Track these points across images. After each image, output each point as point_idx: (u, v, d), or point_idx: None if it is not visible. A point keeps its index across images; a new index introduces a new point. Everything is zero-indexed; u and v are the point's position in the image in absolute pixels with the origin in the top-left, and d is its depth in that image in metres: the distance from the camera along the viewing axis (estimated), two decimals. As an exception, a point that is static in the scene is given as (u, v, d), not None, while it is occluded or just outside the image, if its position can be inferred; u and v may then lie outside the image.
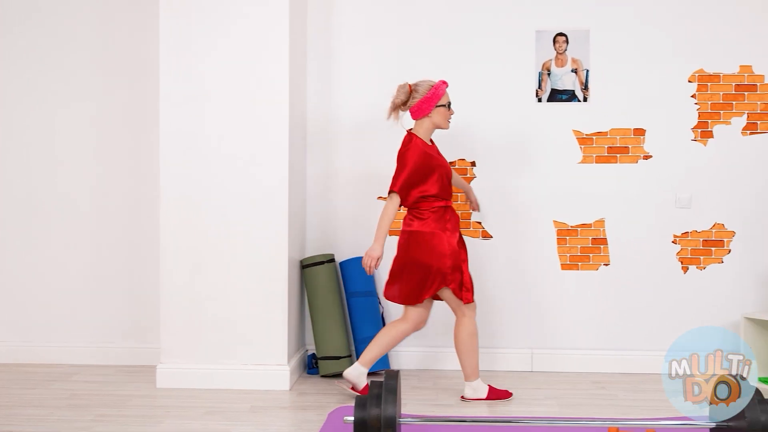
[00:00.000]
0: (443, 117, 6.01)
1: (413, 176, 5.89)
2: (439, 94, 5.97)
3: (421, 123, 6.04)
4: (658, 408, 5.89)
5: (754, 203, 6.90)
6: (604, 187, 6.93)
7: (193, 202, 6.35)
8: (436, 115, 6.00)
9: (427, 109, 5.98)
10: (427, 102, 5.97)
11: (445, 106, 6.00)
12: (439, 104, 5.98)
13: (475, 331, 6.01)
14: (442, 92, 5.98)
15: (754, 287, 6.91)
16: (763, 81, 6.84)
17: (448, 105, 6.01)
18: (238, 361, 6.36)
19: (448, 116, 6.04)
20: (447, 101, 6.00)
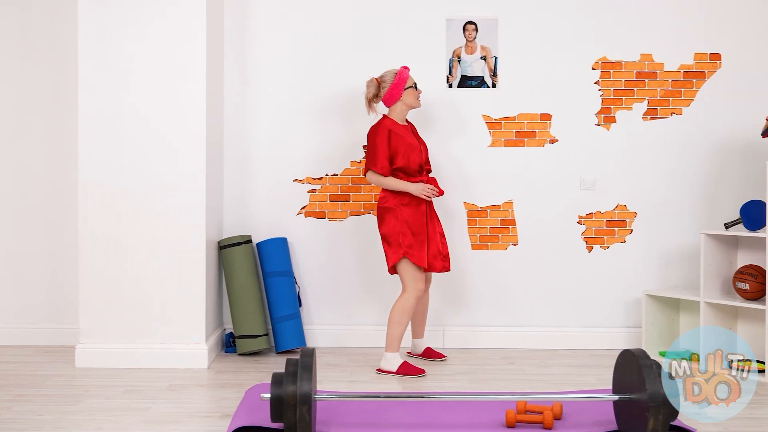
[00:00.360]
0: (413, 97, 6.42)
1: (379, 157, 6.25)
2: (404, 78, 6.37)
3: (393, 108, 6.43)
4: (565, 382, 6.04)
5: (655, 185, 7.10)
6: (512, 169, 7.09)
7: (111, 185, 6.37)
8: (407, 96, 6.41)
9: (398, 94, 6.38)
10: (395, 88, 6.37)
11: (413, 87, 6.40)
12: (407, 86, 6.39)
13: (408, 308, 6.24)
14: (407, 76, 6.38)
15: (654, 265, 7.13)
16: (663, 69, 7.04)
17: (414, 85, 6.41)
18: (156, 341, 6.41)
19: (417, 95, 6.44)
20: (413, 83, 6.41)
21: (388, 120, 6.39)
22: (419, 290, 6.28)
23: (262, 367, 6.47)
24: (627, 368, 4.72)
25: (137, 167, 6.38)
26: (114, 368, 6.29)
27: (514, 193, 7.11)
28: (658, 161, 7.10)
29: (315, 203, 7.10)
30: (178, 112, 6.39)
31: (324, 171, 7.09)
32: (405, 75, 6.37)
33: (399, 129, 6.36)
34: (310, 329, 7.14)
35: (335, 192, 7.10)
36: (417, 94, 6.43)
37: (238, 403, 5.42)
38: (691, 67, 7.05)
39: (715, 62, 7.05)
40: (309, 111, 7.10)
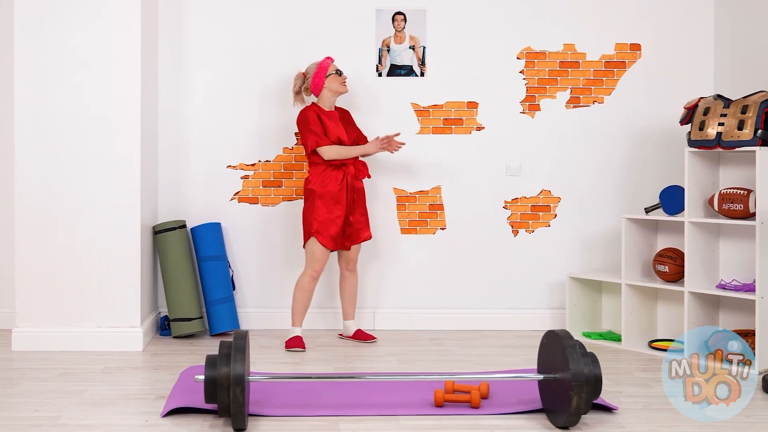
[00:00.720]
0: (336, 82, 6.63)
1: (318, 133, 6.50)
2: (325, 66, 6.61)
3: (320, 96, 6.66)
4: (491, 362, 6.16)
5: (578, 171, 7.26)
6: (440, 156, 7.20)
7: (47, 169, 6.39)
8: (330, 83, 6.62)
9: (320, 82, 6.61)
10: (317, 76, 6.61)
11: (335, 74, 6.62)
12: (328, 74, 6.61)
13: (302, 285, 6.59)
14: (327, 64, 6.62)
15: (578, 249, 7.29)
16: (585, 58, 7.21)
17: (338, 72, 6.63)
18: (92, 324, 6.43)
19: (341, 81, 6.64)
20: (335, 69, 6.63)
21: (314, 105, 6.63)
22: (315, 271, 6.55)
23: (197, 349, 6.53)
24: (551, 348, 4.81)
25: (73, 153, 6.40)
26: (50, 351, 6.29)
27: (442, 178, 7.22)
28: (581, 148, 7.26)
29: (248, 189, 7.19)
30: (113, 98, 6.42)
31: (257, 157, 7.18)
32: (326, 63, 6.61)
33: (325, 114, 6.57)
34: (243, 312, 7.22)
35: (268, 178, 7.19)
36: (341, 80, 6.61)
37: (172, 385, 5.45)
38: (612, 57, 7.22)
39: (635, 52, 7.23)
40: (242, 99, 7.17)
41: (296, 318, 6.62)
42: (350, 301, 6.80)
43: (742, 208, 6.06)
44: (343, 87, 6.65)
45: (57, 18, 6.38)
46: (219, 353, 4.62)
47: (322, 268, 6.60)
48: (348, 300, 6.80)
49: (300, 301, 6.60)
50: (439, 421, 4.83)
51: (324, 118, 6.56)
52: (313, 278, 6.57)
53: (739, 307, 6.43)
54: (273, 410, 4.93)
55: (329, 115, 6.61)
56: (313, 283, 6.59)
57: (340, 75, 6.63)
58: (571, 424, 4.62)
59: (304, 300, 6.60)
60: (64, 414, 4.91)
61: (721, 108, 6.16)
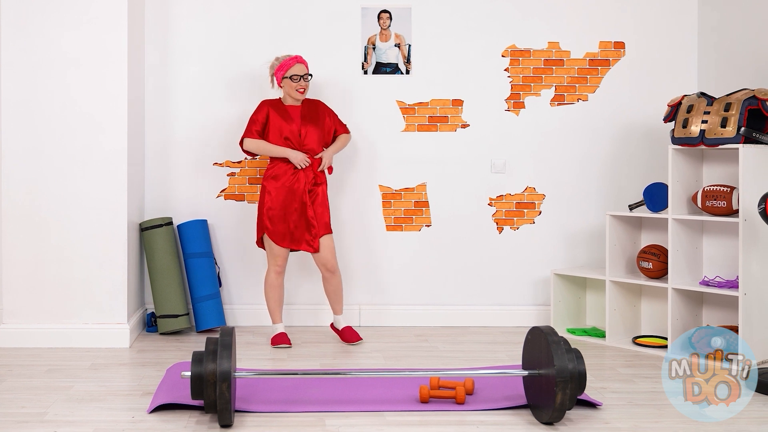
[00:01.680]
0: (289, 87, 6.56)
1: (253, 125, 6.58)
2: (284, 68, 6.55)
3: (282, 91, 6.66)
4: (476, 358, 6.19)
5: (563, 168, 7.29)
6: (425, 153, 7.22)
7: (33, 166, 6.40)
8: (285, 86, 6.58)
9: (278, 81, 6.61)
10: (276, 73, 6.60)
11: (290, 78, 6.52)
12: (285, 75, 6.54)
13: (268, 282, 6.63)
14: (288, 66, 6.53)
15: (562, 246, 7.32)
16: (570, 56, 7.23)
17: (296, 77, 6.52)
18: (79, 320, 6.45)
19: (295, 87, 6.54)
20: (291, 74, 6.52)
21: (276, 100, 6.70)
22: (278, 266, 6.59)
23: (183, 345, 6.55)
24: (536, 345, 4.84)
25: (59, 151, 6.42)
26: (37, 348, 6.31)
27: (428, 176, 7.24)
28: (566, 145, 7.29)
29: (234, 186, 7.20)
30: (99, 96, 6.44)
31: (243, 155, 7.18)
32: (288, 63, 6.55)
33: (281, 109, 6.62)
34: (230, 308, 7.23)
35: (254, 175, 7.20)
36: (295, 86, 6.53)
37: (159, 381, 5.48)
38: (596, 55, 7.26)
39: (619, 50, 7.26)
40: (228, 96, 7.17)
41: (274, 315, 6.65)
42: (336, 298, 6.74)
43: (726, 205, 6.11)
44: (297, 93, 6.58)
45: (43, 15, 6.38)
46: (205, 350, 4.63)
47: (284, 262, 6.63)
48: (333, 298, 6.74)
49: (272, 298, 6.63)
50: (425, 417, 4.86)
51: (275, 113, 6.60)
52: (278, 273, 6.62)
53: (722, 304, 6.47)
54: (259, 406, 4.95)
55: (286, 110, 6.62)
56: (279, 278, 6.62)
57: (297, 81, 6.55)
58: (555, 420, 4.65)
59: (275, 296, 6.63)
60: (51, 410, 4.92)
61: (704, 105, 6.20)
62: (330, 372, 5.26)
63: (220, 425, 4.62)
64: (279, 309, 6.65)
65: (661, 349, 6.41)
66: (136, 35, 6.80)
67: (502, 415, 4.89)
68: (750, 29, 6.63)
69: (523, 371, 4.89)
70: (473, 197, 7.27)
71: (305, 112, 6.65)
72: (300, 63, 6.57)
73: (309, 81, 6.62)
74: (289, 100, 6.63)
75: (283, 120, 6.57)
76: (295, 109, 6.62)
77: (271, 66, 6.66)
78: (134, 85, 6.75)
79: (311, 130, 6.61)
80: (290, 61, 6.54)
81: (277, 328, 6.61)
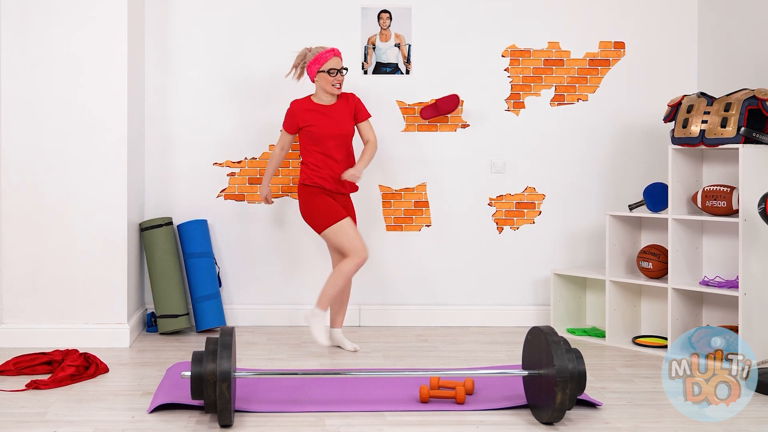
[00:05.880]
0: (325, 82, 6.33)
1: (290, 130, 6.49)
2: (321, 60, 6.32)
3: (315, 86, 6.43)
4: (476, 358, 6.21)
5: (563, 168, 7.29)
6: (425, 153, 7.22)
7: (33, 166, 6.41)
8: (320, 79, 6.34)
9: (312, 74, 6.36)
10: (311, 66, 6.34)
11: (327, 72, 6.30)
12: (321, 70, 6.31)
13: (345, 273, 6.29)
14: (324, 59, 6.31)
15: (562, 246, 7.32)
16: (569, 56, 7.23)
17: (333, 71, 6.30)
18: (79, 320, 6.45)
19: (331, 82, 6.32)
20: (329, 68, 6.30)
21: (306, 99, 6.45)
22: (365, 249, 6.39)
23: (183, 345, 6.55)
24: (536, 345, 4.85)
25: (59, 151, 6.42)
26: (37, 348, 6.26)
27: (427, 176, 7.25)
28: (566, 145, 7.29)
29: (234, 186, 7.21)
30: (100, 96, 6.44)
31: (243, 155, 7.19)
32: (325, 56, 6.32)
33: (319, 109, 6.38)
34: (230, 309, 7.23)
35: (254, 175, 7.21)
36: (332, 80, 6.30)
37: (159, 381, 5.49)
38: (596, 55, 7.26)
39: (619, 50, 7.26)
40: (228, 96, 7.18)
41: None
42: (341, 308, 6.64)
43: (726, 205, 6.11)
44: (333, 89, 6.34)
45: (43, 16, 6.38)
46: (205, 350, 4.64)
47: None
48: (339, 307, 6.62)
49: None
50: (425, 417, 4.87)
51: (312, 114, 6.36)
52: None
53: (722, 304, 6.47)
54: (259, 406, 4.96)
55: (324, 109, 6.40)
56: None
57: (333, 75, 6.33)
58: (555, 420, 4.66)
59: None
60: (51, 410, 4.93)
61: (704, 105, 6.21)
62: (330, 372, 5.27)
63: (220, 425, 4.63)
64: None
65: (661, 349, 6.42)
66: (136, 35, 6.81)
67: (502, 415, 4.90)
68: (750, 29, 6.63)
69: (523, 371, 4.90)
70: (473, 197, 7.28)
71: (342, 106, 6.44)
72: (337, 56, 6.37)
73: (344, 75, 6.43)
74: (322, 95, 6.41)
75: (312, 120, 6.36)
76: (329, 108, 6.39)
77: (300, 56, 6.44)
78: (134, 85, 6.75)
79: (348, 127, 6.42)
80: (327, 54, 6.33)
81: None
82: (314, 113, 6.38)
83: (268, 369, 5.86)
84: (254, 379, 5.41)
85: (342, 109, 6.44)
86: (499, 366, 5.93)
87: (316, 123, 6.35)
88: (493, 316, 7.29)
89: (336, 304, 6.56)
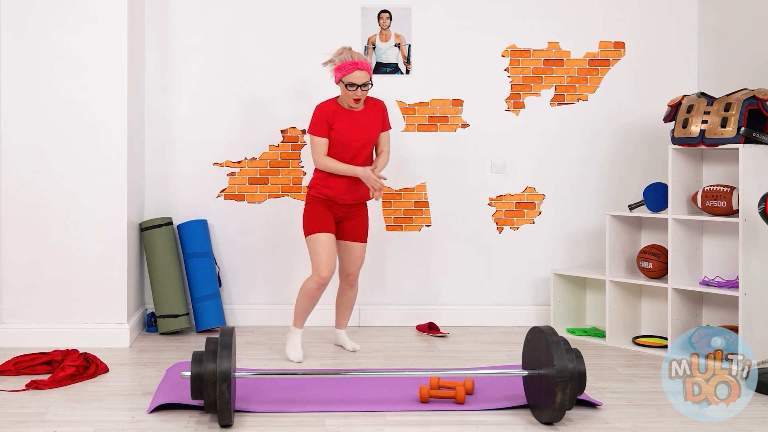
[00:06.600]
0: (344, 94, 6.03)
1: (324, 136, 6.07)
2: (342, 71, 5.98)
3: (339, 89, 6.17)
4: (476, 358, 6.21)
5: (563, 168, 7.29)
6: (425, 153, 7.22)
7: (33, 166, 6.40)
8: (341, 88, 6.04)
9: (336, 80, 6.05)
10: (336, 73, 6.05)
11: (347, 86, 5.96)
12: (342, 80, 5.98)
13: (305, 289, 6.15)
14: (346, 71, 5.95)
15: (562, 245, 7.32)
16: (570, 56, 7.23)
17: (355, 86, 5.95)
18: (79, 320, 6.45)
19: (350, 96, 5.99)
20: (348, 81, 5.95)
21: (332, 102, 6.15)
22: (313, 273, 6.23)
23: (183, 345, 6.55)
24: (536, 345, 4.86)
25: (59, 151, 6.42)
26: (37, 348, 6.27)
27: (427, 176, 7.24)
28: (566, 145, 7.29)
29: (234, 186, 7.21)
30: (99, 95, 6.44)
31: (243, 155, 7.19)
32: (347, 69, 5.95)
33: (344, 115, 6.09)
34: (230, 309, 7.23)
35: (254, 175, 7.21)
36: (352, 95, 5.96)
37: (159, 381, 5.49)
38: (596, 55, 7.26)
39: (619, 50, 7.26)
40: (228, 96, 7.18)
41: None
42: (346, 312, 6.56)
43: (726, 205, 6.11)
44: (352, 102, 6.02)
45: (43, 15, 6.38)
46: (205, 349, 4.65)
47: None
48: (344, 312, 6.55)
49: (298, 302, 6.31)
50: (425, 417, 4.87)
51: (338, 117, 6.07)
52: None
53: (722, 304, 6.47)
54: (259, 406, 4.96)
55: (350, 115, 6.10)
56: None
57: (353, 90, 5.96)
58: (555, 420, 4.66)
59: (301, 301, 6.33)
60: (51, 410, 4.93)
61: (704, 105, 6.21)
62: (330, 372, 5.27)
63: (220, 425, 4.63)
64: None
65: (661, 349, 6.42)
66: (136, 35, 6.80)
67: (502, 415, 4.90)
68: (750, 29, 6.63)
69: (523, 371, 4.91)
70: (473, 197, 7.28)
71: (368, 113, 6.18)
72: (360, 70, 5.97)
73: (369, 89, 6.07)
74: (344, 102, 6.09)
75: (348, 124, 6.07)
76: (353, 114, 6.11)
77: (337, 53, 6.07)
78: (134, 85, 6.75)
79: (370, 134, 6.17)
80: (350, 66, 5.95)
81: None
82: (341, 117, 6.09)
83: (268, 369, 5.86)
84: (254, 379, 5.41)
85: (369, 116, 6.17)
86: (499, 366, 5.93)
87: (340, 128, 6.05)
88: (493, 316, 7.29)
89: (341, 307, 6.49)
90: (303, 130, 7.16)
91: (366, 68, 6.00)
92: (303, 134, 7.16)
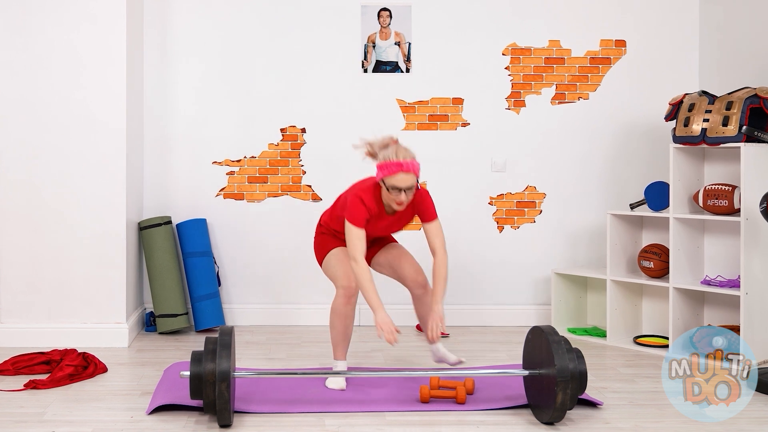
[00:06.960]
0: (386, 196, 5.30)
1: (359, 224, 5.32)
2: (384, 170, 5.23)
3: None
4: (477, 358, 6.19)
5: (564, 167, 7.29)
6: (425, 152, 7.00)
7: (31, 165, 6.40)
8: (384, 191, 5.31)
9: (377, 177, 5.34)
10: (379, 172, 5.31)
11: (389, 189, 5.24)
12: (387, 183, 5.24)
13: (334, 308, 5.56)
14: (390, 172, 5.20)
15: (563, 245, 7.32)
16: (570, 54, 7.23)
17: (396, 189, 5.21)
18: (77, 320, 6.45)
19: (393, 199, 5.26)
20: (390, 184, 5.21)
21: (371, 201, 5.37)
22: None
23: (182, 345, 6.55)
24: (536, 344, 4.85)
25: (58, 149, 6.42)
26: (36, 347, 6.26)
27: (428, 175, 7.20)
28: (567, 144, 7.29)
29: (233, 185, 7.19)
30: (98, 94, 6.43)
31: (242, 153, 7.18)
32: (391, 170, 5.18)
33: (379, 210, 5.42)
34: (229, 308, 7.23)
35: (253, 174, 7.19)
36: (390, 198, 5.25)
37: (158, 381, 5.48)
38: (597, 54, 7.25)
39: (620, 49, 7.26)
40: (227, 94, 7.18)
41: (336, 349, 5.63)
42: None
43: (727, 204, 6.10)
44: (396, 206, 5.26)
45: (42, 13, 6.37)
46: (204, 349, 4.63)
47: None
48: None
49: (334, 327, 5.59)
50: (425, 416, 4.86)
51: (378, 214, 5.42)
52: None
53: (724, 303, 6.46)
54: (259, 407, 4.95)
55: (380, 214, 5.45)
56: None
57: (397, 194, 5.21)
58: (556, 420, 4.65)
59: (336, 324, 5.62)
60: (50, 410, 4.92)
61: (705, 104, 6.19)
62: (330, 372, 5.24)
63: (220, 425, 4.62)
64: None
65: (662, 348, 6.41)
66: (135, 33, 6.80)
67: (503, 415, 4.89)
68: (751, 27, 6.62)
69: (524, 371, 4.90)
70: (473, 196, 7.28)
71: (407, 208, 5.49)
72: (405, 172, 5.18)
73: (412, 193, 5.29)
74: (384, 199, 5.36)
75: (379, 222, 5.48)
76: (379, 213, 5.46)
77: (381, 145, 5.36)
78: (133, 83, 6.74)
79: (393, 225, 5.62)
80: (394, 168, 5.18)
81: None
82: (377, 214, 5.43)
83: (268, 369, 5.85)
84: (254, 379, 5.39)
85: (403, 213, 5.52)
86: (499, 366, 5.92)
87: (372, 223, 5.44)
88: (494, 316, 7.28)
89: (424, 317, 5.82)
90: (302, 128, 7.15)
91: (412, 169, 5.23)
92: (302, 132, 7.15)
